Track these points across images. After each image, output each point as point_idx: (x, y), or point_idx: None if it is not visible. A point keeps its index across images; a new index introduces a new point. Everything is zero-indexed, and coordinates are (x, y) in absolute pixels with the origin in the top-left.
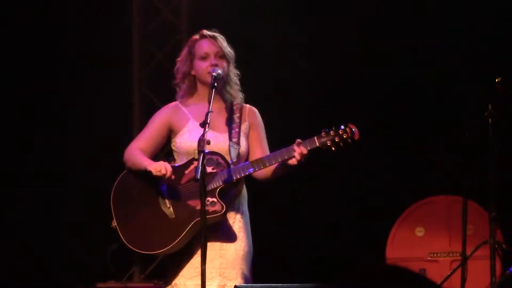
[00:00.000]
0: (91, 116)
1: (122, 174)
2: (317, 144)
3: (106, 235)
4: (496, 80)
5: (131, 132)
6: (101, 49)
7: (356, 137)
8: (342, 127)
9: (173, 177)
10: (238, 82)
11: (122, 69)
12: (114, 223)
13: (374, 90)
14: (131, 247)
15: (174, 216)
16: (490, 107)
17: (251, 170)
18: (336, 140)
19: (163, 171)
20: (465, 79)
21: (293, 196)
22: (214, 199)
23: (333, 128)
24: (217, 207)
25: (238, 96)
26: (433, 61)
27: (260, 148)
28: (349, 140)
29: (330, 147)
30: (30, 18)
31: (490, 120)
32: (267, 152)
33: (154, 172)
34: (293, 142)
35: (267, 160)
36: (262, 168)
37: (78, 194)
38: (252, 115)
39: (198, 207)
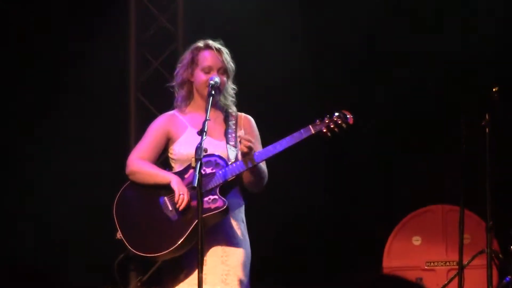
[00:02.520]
0: (88, 124)
1: (124, 187)
2: (312, 132)
3: (110, 246)
4: (493, 89)
5: (127, 139)
6: (98, 56)
7: (351, 121)
8: (336, 113)
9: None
10: (233, 95)
11: (119, 77)
12: (119, 234)
13: (372, 98)
14: (138, 253)
15: (177, 218)
16: (487, 117)
17: (246, 166)
18: (331, 126)
19: (184, 201)
20: (462, 88)
21: (289, 205)
22: (216, 196)
23: (327, 115)
24: (219, 203)
25: (232, 106)
26: (432, 69)
27: None
28: (343, 125)
29: (325, 133)
30: (26, 26)
31: (487, 129)
32: None
33: (177, 195)
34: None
35: (258, 157)
36: (255, 164)
37: (75, 200)
38: (247, 124)
39: None
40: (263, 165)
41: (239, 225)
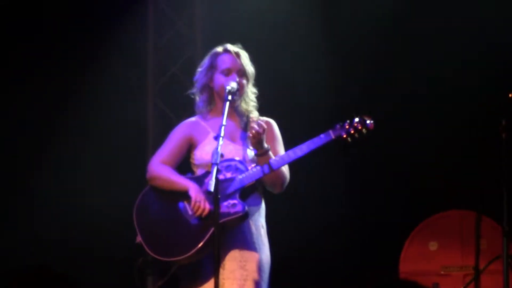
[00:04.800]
0: (105, 129)
1: (143, 192)
2: (333, 137)
3: (129, 250)
4: (510, 94)
5: (145, 144)
6: (116, 61)
7: (371, 127)
8: (356, 119)
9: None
10: (254, 99)
11: (137, 82)
12: (139, 238)
13: (386, 103)
14: (157, 257)
15: (196, 222)
16: (503, 122)
17: (266, 171)
18: (351, 132)
19: (200, 211)
20: (478, 93)
21: (307, 210)
22: (235, 201)
23: (347, 121)
24: (238, 208)
25: (254, 111)
26: (448, 76)
27: None
28: (363, 130)
29: (345, 139)
30: (42, 31)
31: (503, 134)
32: None
33: (193, 202)
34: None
35: (275, 163)
36: (273, 170)
37: (94, 204)
38: (269, 128)
39: (220, 210)
40: (284, 168)
41: (258, 230)
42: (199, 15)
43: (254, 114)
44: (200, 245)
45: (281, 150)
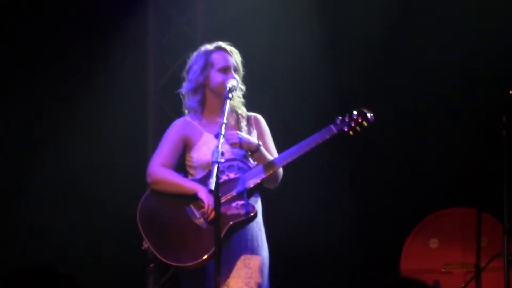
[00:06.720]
0: (105, 128)
1: (145, 196)
2: (335, 131)
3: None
4: (511, 91)
5: (145, 143)
6: (116, 60)
7: (372, 119)
8: (355, 112)
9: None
10: (240, 95)
11: (137, 81)
12: (146, 244)
13: (388, 100)
14: (170, 262)
15: (206, 226)
16: (504, 119)
17: (269, 170)
18: (352, 125)
19: (213, 215)
20: (479, 91)
21: (306, 207)
22: (244, 202)
23: (347, 115)
24: (248, 209)
25: (242, 107)
26: (449, 74)
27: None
28: (364, 123)
29: (347, 132)
30: (43, 31)
31: (504, 132)
32: (275, 155)
33: (206, 205)
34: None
35: (278, 161)
36: (277, 168)
37: (91, 204)
38: (257, 123)
39: (228, 212)
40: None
41: (259, 228)
42: (201, 13)
43: (243, 110)
44: (213, 249)
45: (270, 143)
